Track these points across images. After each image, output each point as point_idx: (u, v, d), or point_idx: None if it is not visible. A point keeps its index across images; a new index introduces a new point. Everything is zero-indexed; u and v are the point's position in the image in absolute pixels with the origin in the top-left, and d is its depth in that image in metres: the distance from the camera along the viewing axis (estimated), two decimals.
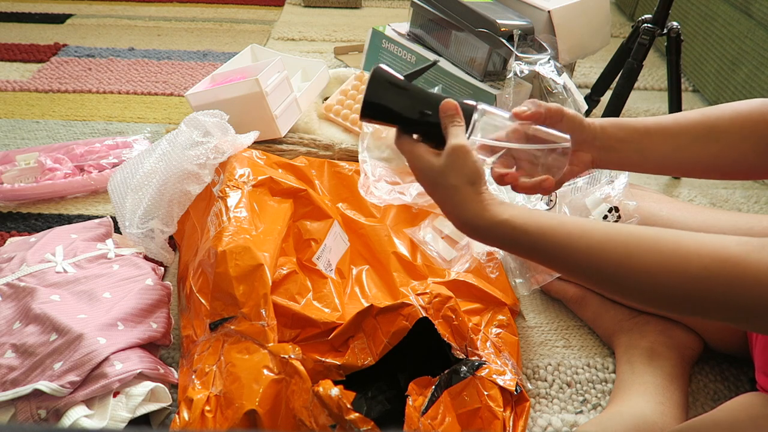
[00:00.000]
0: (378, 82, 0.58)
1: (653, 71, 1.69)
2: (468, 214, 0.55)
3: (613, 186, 0.85)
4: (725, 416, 0.63)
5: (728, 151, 0.64)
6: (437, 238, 0.94)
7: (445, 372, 0.71)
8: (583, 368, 0.84)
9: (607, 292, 0.53)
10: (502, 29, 1.12)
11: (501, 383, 0.71)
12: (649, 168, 0.68)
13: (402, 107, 0.59)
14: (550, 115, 0.62)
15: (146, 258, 0.88)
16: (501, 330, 0.82)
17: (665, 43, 1.20)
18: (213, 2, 2.05)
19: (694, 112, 0.66)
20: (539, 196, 0.90)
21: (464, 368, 0.71)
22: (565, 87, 1.10)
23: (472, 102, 0.60)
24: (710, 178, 0.86)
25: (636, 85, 1.24)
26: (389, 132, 1.05)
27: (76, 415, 0.63)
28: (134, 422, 0.66)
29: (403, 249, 0.90)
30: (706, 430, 0.61)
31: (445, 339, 0.73)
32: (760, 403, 0.63)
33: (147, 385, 0.68)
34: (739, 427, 0.60)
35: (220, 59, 1.63)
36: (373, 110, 0.59)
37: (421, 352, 0.77)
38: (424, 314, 0.72)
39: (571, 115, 0.63)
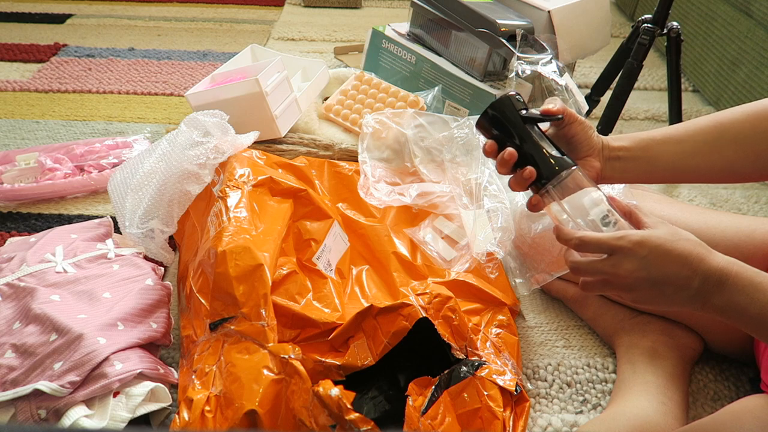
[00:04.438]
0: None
1: (653, 71, 1.69)
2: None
3: (612, 186, 0.85)
4: (730, 419, 0.62)
5: (743, 152, 0.64)
6: (437, 238, 0.93)
7: (445, 372, 0.70)
8: (583, 368, 0.84)
9: None
10: (502, 29, 1.12)
11: (501, 383, 0.71)
12: (658, 176, 0.68)
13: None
14: (568, 116, 0.64)
15: (146, 258, 0.88)
16: (501, 330, 0.82)
17: (665, 43, 1.20)
18: (213, 2, 2.05)
19: (704, 118, 0.66)
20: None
21: (464, 368, 0.71)
22: (566, 88, 1.10)
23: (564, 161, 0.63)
24: (725, 182, 0.84)
25: (636, 85, 1.24)
26: (389, 132, 1.05)
27: (76, 415, 0.63)
28: (134, 422, 0.66)
29: (403, 249, 0.90)
30: None
31: (445, 339, 0.73)
32: (765, 405, 0.63)
33: (147, 385, 0.68)
34: (744, 429, 0.60)
35: (220, 59, 1.63)
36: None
37: (421, 352, 0.77)
38: (424, 314, 0.72)
39: (582, 121, 0.65)
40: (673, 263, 0.54)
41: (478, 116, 0.65)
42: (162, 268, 0.89)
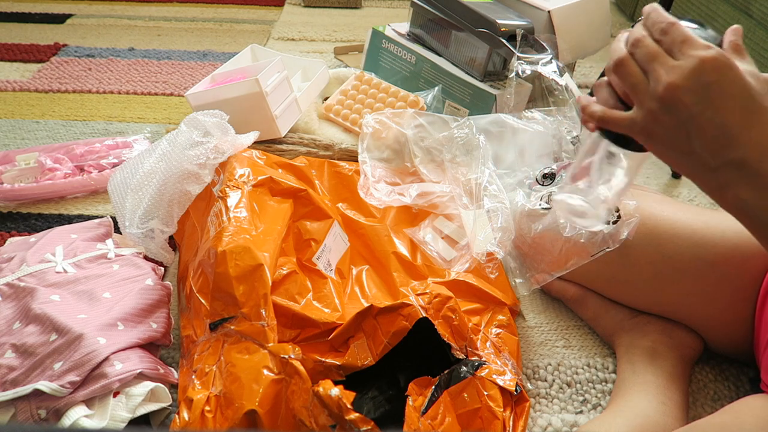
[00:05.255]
0: None
1: None
2: None
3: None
4: (730, 419, 0.62)
5: None
6: (437, 238, 0.94)
7: (445, 372, 0.70)
8: (583, 368, 0.84)
9: None
10: (502, 29, 1.12)
11: (501, 383, 0.71)
12: None
13: None
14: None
15: (146, 258, 0.88)
16: (501, 330, 0.82)
17: None
18: (213, 2, 2.05)
19: None
20: (539, 195, 0.90)
21: (464, 368, 0.71)
22: (566, 88, 1.10)
23: None
24: None
25: None
26: (389, 132, 1.05)
27: (76, 415, 0.63)
28: (134, 422, 0.66)
29: (403, 249, 0.90)
30: None
31: (445, 339, 0.73)
32: (765, 405, 0.63)
33: (147, 385, 0.68)
34: (745, 429, 0.60)
35: (220, 59, 1.63)
36: None
37: (421, 352, 0.77)
38: (424, 314, 0.72)
39: None
40: (733, 111, 0.41)
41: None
42: (162, 268, 0.89)
